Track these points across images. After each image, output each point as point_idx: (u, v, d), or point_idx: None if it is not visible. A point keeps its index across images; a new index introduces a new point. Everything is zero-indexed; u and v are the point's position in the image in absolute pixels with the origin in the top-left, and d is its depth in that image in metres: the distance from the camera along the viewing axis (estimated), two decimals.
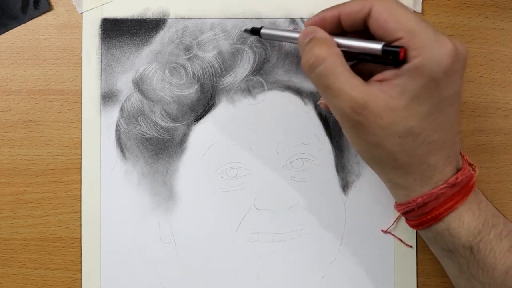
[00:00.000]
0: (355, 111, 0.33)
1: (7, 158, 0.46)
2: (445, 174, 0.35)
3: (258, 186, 0.46)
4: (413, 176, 0.35)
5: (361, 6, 0.34)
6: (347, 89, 0.33)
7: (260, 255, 0.46)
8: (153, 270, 0.46)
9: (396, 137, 0.33)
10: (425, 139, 0.34)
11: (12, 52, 0.46)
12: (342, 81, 0.33)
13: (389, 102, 0.33)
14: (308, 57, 0.34)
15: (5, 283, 0.46)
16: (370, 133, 0.33)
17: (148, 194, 0.46)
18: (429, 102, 0.33)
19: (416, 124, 0.33)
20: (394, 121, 0.33)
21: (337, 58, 0.34)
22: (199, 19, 0.46)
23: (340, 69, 0.33)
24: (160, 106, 0.46)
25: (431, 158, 0.34)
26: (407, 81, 0.33)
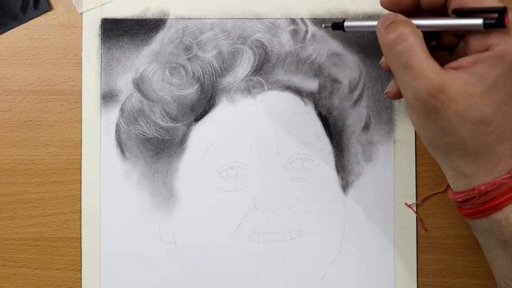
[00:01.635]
0: (432, 95, 0.33)
1: (7, 158, 0.46)
2: (509, 165, 0.35)
3: (258, 186, 0.46)
4: (479, 164, 0.35)
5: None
6: (426, 70, 0.33)
7: (260, 255, 0.46)
8: (153, 270, 0.46)
9: (469, 123, 0.33)
10: (496, 128, 0.34)
11: (12, 52, 0.46)
12: (423, 61, 0.33)
13: (466, 88, 0.33)
14: (390, 35, 0.34)
15: (5, 283, 0.46)
16: (443, 118, 0.33)
17: (148, 194, 0.46)
18: (505, 91, 0.33)
19: (490, 111, 0.33)
20: (469, 107, 0.33)
21: (419, 38, 0.34)
22: (199, 19, 0.46)
23: (421, 49, 0.33)
24: (160, 106, 0.46)
25: (498, 147, 0.34)
26: (486, 69, 0.33)
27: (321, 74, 0.46)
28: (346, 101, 0.46)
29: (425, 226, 0.46)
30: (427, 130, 0.36)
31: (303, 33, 0.46)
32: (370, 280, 0.46)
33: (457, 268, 0.46)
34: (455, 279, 0.46)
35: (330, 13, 0.46)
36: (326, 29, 0.45)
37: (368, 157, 0.46)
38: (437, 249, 0.46)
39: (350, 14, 0.46)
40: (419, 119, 0.35)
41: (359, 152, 0.46)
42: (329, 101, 0.46)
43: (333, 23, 0.42)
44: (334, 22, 0.42)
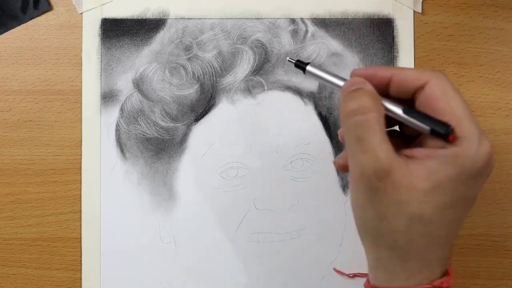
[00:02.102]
0: (377, 175, 0.31)
1: (7, 158, 0.46)
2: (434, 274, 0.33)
3: (258, 186, 0.46)
4: (404, 264, 0.33)
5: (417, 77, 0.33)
6: (377, 149, 0.31)
7: (260, 255, 0.46)
8: (153, 270, 0.46)
9: (405, 217, 0.31)
10: (431, 231, 0.32)
11: (12, 52, 0.46)
12: (376, 139, 0.31)
13: (413, 179, 0.31)
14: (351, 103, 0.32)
15: (5, 283, 0.46)
16: (382, 203, 0.32)
17: (148, 194, 0.46)
18: (449, 196, 0.31)
19: (430, 212, 0.31)
20: (410, 200, 0.31)
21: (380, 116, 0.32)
22: (199, 19, 0.46)
23: (379, 127, 0.32)
24: (160, 106, 0.46)
25: (428, 253, 0.32)
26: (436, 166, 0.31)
27: None
28: None
29: None
30: (364, 209, 0.33)
31: (303, 33, 0.46)
32: None
33: (457, 268, 0.46)
34: (455, 279, 0.46)
35: (330, 13, 0.46)
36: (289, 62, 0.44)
37: None
38: None
39: (350, 14, 0.46)
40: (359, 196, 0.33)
41: None
42: (329, 101, 0.46)
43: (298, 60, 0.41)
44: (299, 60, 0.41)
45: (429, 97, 0.32)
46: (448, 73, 0.46)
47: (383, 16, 0.46)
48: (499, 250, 0.46)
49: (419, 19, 0.47)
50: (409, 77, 0.33)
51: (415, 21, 0.46)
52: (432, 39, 0.47)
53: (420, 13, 0.46)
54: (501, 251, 0.46)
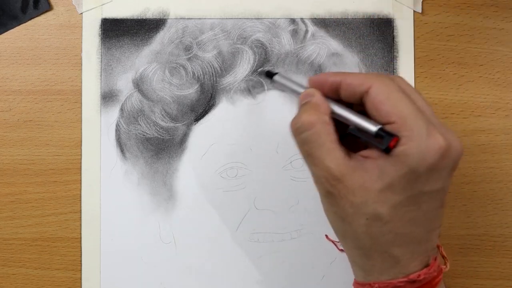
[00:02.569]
0: (330, 183, 0.32)
1: (7, 158, 0.46)
2: (408, 269, 0.33)
3: (258, 186, 0.46)
4: (373, 261, 0.34)
5: (362, 81, 0.34)
6: (326, 160, 0.32)
7: (260, 255, 0.46)
8: (153, 270, 0.46)
9: (363, 218, 0.32)
10: (392, 229, 0.32)
11: (12, 52, 0.46)
12: (323, 151, 0.33)
13: (365, 181, 0.32)
14: (296, 120, 0.34)
15: (5, 283, 0.46)
16: (339, 206, 0.33)
17: (148, 194, 0.46)
18: (404, 193, 0.32)
19: (386, 211, 0.32)
20: (365, 201, 0.32)
21: (324, 126, 0.33)
22: (199, 19, 0.46)
23: (324, 138, 0.33)
24: (160, 106, 0.46)
25: (394, 249, 0.33)
26: (387, 166, 0.32)
27: None
28: None
29: None
30: (327, 212, 0.35)
31: (303, 33, 0.46)
32: None
33: (457, 268, 0.46)
34: (455, 279, 0.46)
35: (330, 13, 0.46)
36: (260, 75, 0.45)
37: None
38: None
39: (350, 14, 0.46)
40: (321, 200, 0.35)
41: None
42: None
43: (268, 71, 0.43)
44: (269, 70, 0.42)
45: (373, 101, 0.33)
46: (448, 73, 0.46)
47: (383, 16, 0.46)
48: (499, 250, 0.46)
49: (419, 19, 0.47)
50: (354, 82, 0.34)
51: (415, 21, 0.46)
52: (432, 39, 0.47)
53: (420, 13, 0.46)
54: (501, 251, 0.46)
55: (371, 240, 0.33)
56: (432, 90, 0.46)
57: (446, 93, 0.46)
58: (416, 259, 0.34)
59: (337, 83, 0.35)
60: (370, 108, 0.33)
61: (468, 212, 0.46)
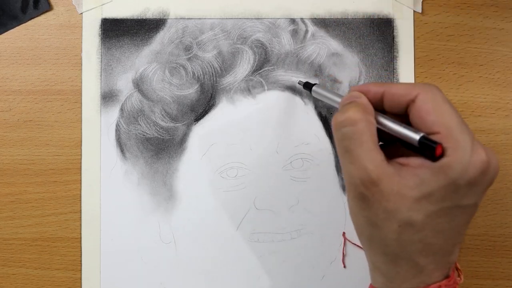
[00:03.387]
0: (365, 185, 0.32)
1: (7, 158, 0.46)
2: (430, 278, 0.33)
3: (258, 186, 0.46)
4: (397, 268, 0.33)
5: (408, 91, 0.33)
6: (364, 160, 0.32)
7: (260, 255, 0.46)
8: (153, 270, 0.46)
9: (395, 224, 0.32)
10: (422, 239, 0.32)
11: (12, 52, 0.46)
12: (363, 150, 0.32)
13: (402, 188, 0.32)
14: (340, 115, 0.33)
15: (5, 283, 0.46)
16: (371, 210, 0.32)
17: (148, 194, 0.46)
18: (441, 205, 0.32)
19: (420, 220, 0.32)
20: (399, 208, 0.32)
21: (368, 126, 0.33)
22: (199, 19, 0.46)
23: (366, 137, 0.32)
24: (160, 106, 0.46)
25: (421, 259, 0.33)
26: (428, 175, 0.31)
27: (321, 74, 0.46)
28: None
29: None
30: (356, 216, 0.34)
31: (303, 33, 0.46)
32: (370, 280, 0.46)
33: None
34: None
35: (330, 13, 0.46)
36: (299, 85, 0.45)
37: None
38: None
39: (350, 14, 0.46)
40: (351, 203, 0.34)
41: None
42: None
43: (307, 82, 0.44)
44: (308, 81, 0.43)
45: (419, 111, 0.33)
46: (448, 73, 0.46)
47: (383, 16, 0.46)
48: (499, 250, 0.46)
49: (419, 19, 0.47)
50: (399, 91, 0.34)
51: (415, 21, 0.46)
52: (432, 39, 0.47)
53: (420, 13, 0.46)
54: (501, 251, 0.46)
55: (400, 247, 0.33)
56: None
57: (446, 93, 0.46)
58: (439, 270, 0.33)
59: (380, 93, 0.35)
60: (416, 117, 0.33)
61: None
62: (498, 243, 0.46)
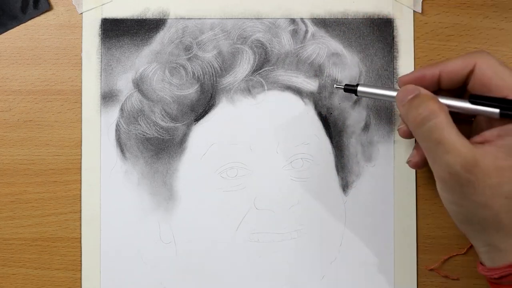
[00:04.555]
0: (467, 169, 0.32)
1: (7, 158, 0.46)
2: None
3: (258, 186, 0.46)
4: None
5: (465, 63, 0.34)
6: (459, 146, 0.32)
7: (260, 255, 0.46)
8: (153, 270, 0.46)
9: (502, 197, 0.33)
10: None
11: (12, 52, 0.46)
12: (454, 137, 0.33)
13: (496, 162, 0.32)
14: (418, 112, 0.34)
15: (5, 283, 0.46)
16: (478, 192, 0.33)
17: (148, 194, 0.46)
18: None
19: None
20: (501, 181, 0.32)
21: (447, 115, 0.33)
22: (199, 19, 0.46)
23: (451, 125, 0.33)
24: (160, 106, 0.46)
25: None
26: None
27: (321, 74, 0.46)
28: (346, 101, 0.46)
29: None
30: (461, 205, 0.35)
31: (303, 33, 0.46)
32: (370, 280, 0.46)
33: (457, 268, 0.46)
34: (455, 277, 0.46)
35: (330, 13, 0.46)
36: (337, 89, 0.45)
37: (368, 157, 0.46)
38: (437, 249, 0.46)
39: (350, 14, 0.46)
40: (452, 194, 0.35)
41: (359, 152, 0.46)
42: (329, 101, 0.46)
43: (346, 85, 0.42)
44: (347, 84, 0.42)
45: (480, 79, 0.33)
46: None
47: (383, 16, 0.46)
48: None
49: (419, 19, 0.47)
50: (457, 67, 0.34)
51: (415, 21, 0.46)
52: (432, 39, 0.47)
53: (420, 13, 0.46)
54: None
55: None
56: None
57: None
58: None
59: (436, 75, 0.35)
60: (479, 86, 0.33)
61: None
62: None
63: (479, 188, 0.33)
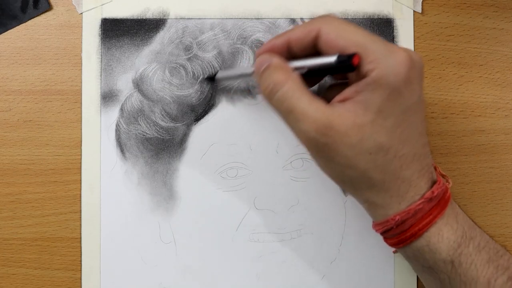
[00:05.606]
0: (321, 133, 0.32)
1: (7, 158, 0.46)
2: (421, 188, 0.34)
3: (258, 186, 0.46)
4: (389, 193, 0.34)
5: (309, 29, 0.34)
6: (310, 111, 0.32)
7: (260, 255, 0.46)
8: (153, 270, 0.46)
9: (366, 154, 0.33)
10: (396, 153, 0.33)
11: (12, 52, 0.46)
12: (304, 103, 0.33)
13: (355, 119, 0.32)
14: (266, 84, 0.34)
15: (5, 283, 0.46)
16: (339, 154, 0.33)
17: (148, 194, 0.46)
18: (394, 114, 0.32)
19: (385, 138, 0.32)
20: (362, 138, 0.32)
21: (296, 81, 0.33)
22: (199, 19, 0.46)
23: (301, 91, 0.33)
24: (160, 106, 0.46)
25: (404, 172, 0.33)
26: (369, 96, 0.32)
27: None
28: None
29: None
30: (328, 168, 0.35)
31: None
32: (370, 280, 0.46)
33: None
34: None
35: (330, 13, 0.46)
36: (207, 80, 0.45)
37: None
38: None
39: (350, 14, 0.46)
40: (316, 158, 0.35)
41: None
42: None
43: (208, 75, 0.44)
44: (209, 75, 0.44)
45: (327, 42, 0.33)
46: (448, 73, 0.47)
47: (383, 16, 0.46)
48: None
49: (419, 19, 0.47)
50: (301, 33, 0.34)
51: (415, 21, 0.46)
52: (432, 39, 0.47)
53: (420, 13, 0.46)
54: None
55: (382, 172, 0.33)
56: (432, 90, 0.46)
57: (446, 93, 0.46)
58: (423, 177, 0.34)
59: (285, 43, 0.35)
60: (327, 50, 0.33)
61: (468, 212, 0.46)
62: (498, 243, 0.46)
63: (339, 150, 0.32)
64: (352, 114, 0.32)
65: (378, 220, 0.36)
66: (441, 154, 0.46)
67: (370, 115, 0.32)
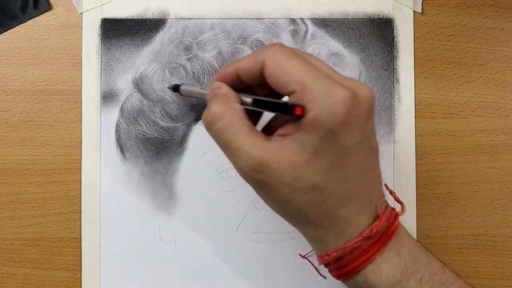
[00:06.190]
0: (256, 170, 0.32)
1: (7, 158, 0.46)
2: (360, 225, 0.33)
3: None
4: (325, 229, 0.33)
5: (254, 61, 0.33)
6: (245, 147, 0.32)
7: (260, 255, 0.46)
8: (153, 270, 0.46)
9: (301, 193, 0.32)
10: (331, 193, 0.32)
11: (12, 52, 0.46)
12: (240, 139, 0.32)
13: (291, 158, 0.31)
14: (206, 114, 0.33)
15: (5, 283, 0.46)
16: (274, 191, 0.32)
17: (148, 194, 0.46)
18: (329, 155, 0.31)
19: (319, 179, 0.32)
20: (297, 177, 0.31)
21: (236, 114, 0.32)
22: (199, 19, 0.46)
23: (238, 125, 0.32)
24: (160, 106, 0.46)
25: (341, 211, 0.33)
26: (305, 136, 0.31)
27: None
28: None
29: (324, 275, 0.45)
30: (265, 201, 0.34)
31: (303, 33, 0.46)
32: None
33: (457, 268, 0.46)
34: None
35: (330, 13, 0.46)
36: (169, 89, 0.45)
37: None
38: (437, 249, 0.46)
39: (350, 14, 0.46)
40: (255, 190, 0.34)
41: None
42: None
43: (174, 85, 0.43)
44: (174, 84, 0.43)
45: (270, 76, 0.32)
46: (448, 73, 0.46)
47: (383, 16, 0.46)
48: (499, 250, 0.46)
49: (419, 19, 0.47)
50: (248, 65, 0.33)
51: (415, 21, 0.46)
52: (432, 39, 0.47)
53: (420, 13, 0.46)
54: (501, 251, 0.46)
55: (317, 210, 0.33)
56: (432, 90, 0.46)
57: (446, 93, 0.46)
58: (364, 213, 0.33)
59: (234, 73, 0.34)
60: (271, 82, 0.32)
61: (468, 212, 0.46)
62: (498, 243, 0.46)
63: (274, 187, 0.32)
64: (288, 152, 0.31)
65: (319, 253, 0.35)
66: (441, 154, 0.46)
67: (306, 155, 0.31)
